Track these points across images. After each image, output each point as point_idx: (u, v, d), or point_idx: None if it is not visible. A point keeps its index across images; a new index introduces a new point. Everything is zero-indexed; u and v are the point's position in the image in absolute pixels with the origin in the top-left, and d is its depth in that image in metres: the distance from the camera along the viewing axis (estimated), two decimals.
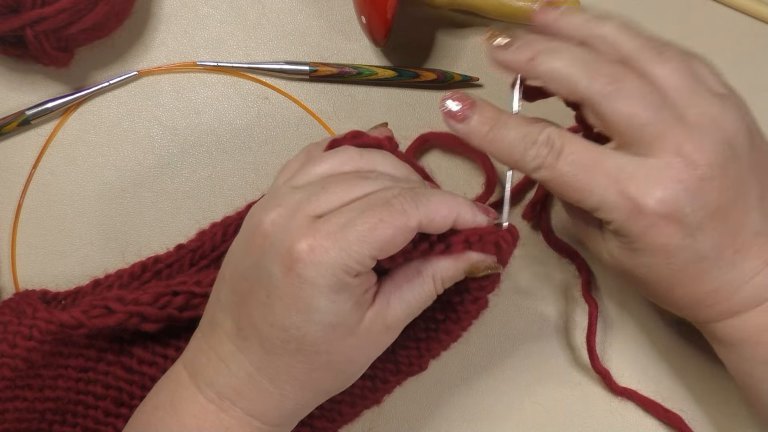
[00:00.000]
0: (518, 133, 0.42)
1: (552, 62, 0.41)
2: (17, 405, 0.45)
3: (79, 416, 0.47)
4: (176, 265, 0.49)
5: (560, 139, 0.41)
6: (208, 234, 0.49)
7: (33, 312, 0.45)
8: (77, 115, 0.53)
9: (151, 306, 0.44)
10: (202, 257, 0.49)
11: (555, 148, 0.41)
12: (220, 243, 0.49)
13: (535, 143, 0.41)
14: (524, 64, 0.42)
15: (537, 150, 0.41)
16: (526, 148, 0.41)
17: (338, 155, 0.42)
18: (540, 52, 0.42)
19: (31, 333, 0.44)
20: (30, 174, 0.52)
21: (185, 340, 0.46)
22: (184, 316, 0.45)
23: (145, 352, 0.47)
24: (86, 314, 0.44)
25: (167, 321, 0.45)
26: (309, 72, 0.53)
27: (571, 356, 0.52)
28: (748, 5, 0.55)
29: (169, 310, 0.45)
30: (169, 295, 0.45)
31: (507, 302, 0.52)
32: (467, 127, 0.43)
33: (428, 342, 0.49)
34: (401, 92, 0.54)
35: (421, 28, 0.55)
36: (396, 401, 0.51)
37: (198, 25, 0.54)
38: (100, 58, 0.54)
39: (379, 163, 0.42)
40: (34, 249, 0.52)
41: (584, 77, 0.40)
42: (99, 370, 0.47)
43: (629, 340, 0.52)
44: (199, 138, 0.53)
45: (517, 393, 0.51)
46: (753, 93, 0.55)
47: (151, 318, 0.44)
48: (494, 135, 0.43)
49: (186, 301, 0.45)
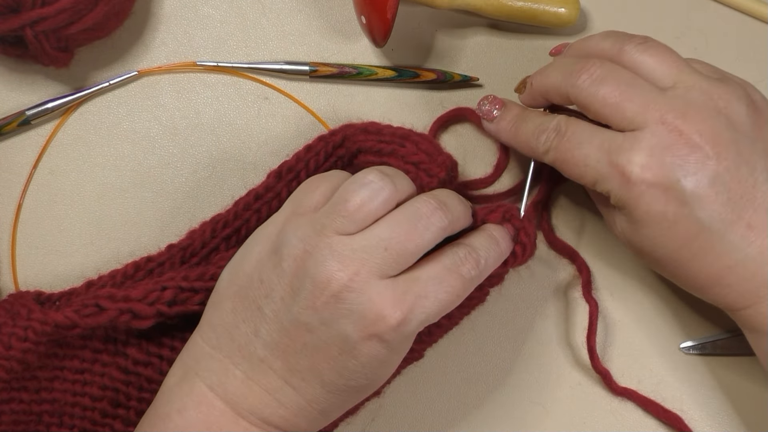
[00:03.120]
0: (534, 123, 0.46)
1: (541, 80, 0.46)
2: (14, 407, 0.45)
3: (76, 418, 0.47)
4: (168, 263, 0.49)
5: (566, 124, 0.44)
6: (198, 232, 0.50)
7: (28, 313, 0.45)
8: (77, 115, 0.53)
9: (140, 302, 0.44)
10: (193, 255, 0.49)
11: (560, 132, 0.44)
12: (209, 240, 0.49)
13: (546, 130, 0.45)
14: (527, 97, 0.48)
15: (547, 135, 0.45)
16: (538, 135, 0.46)
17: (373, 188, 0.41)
18: (532, 76, 0.47)
19: (26, 334, 0.44)
20: (30, 174, 0.52)
21: (180, 340, 0.47)
22: (173, 311, 0.45)
23: (140, 353, 0.47)
24: (78, 313, 0.44)
25: (157, 317, 0.45)
26: (309, 72, 0.53)
27: (571, 356, 0.52)
28: (748, 5, 0.55)
29: (159, 305, 0.45)
30: (158, 291, 0.45)
31: (507, 302, 0.52)
32: (497, 126, 0.49)
33: (428, 327, 0.49)
34: (401, 92, 0.54)
35: (421, 28, 0.55)
36: (396, 401, 0.51)
37: (198, 25, 0.54)
38: (100, 58, 0.54)
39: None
40: (34, 249, 0.52)
41: (561, 78, 0.44)
42: (95, 371, 0.47)
43: (629, 340, 0.52)
44: (199, 138, 0.53)
45: (517, 393, 0.51)
46: None
47: (141, 314, 0.45)
48: (516, 129, 0.48)
49: (174, 296, 0.45)
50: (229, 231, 0.49)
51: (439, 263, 0.41)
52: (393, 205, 0.41)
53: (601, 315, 0.52)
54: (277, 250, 0.41)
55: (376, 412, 0.51)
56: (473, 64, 0.55)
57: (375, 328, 0.39)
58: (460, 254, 0.41)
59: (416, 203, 0.41)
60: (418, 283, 0.40)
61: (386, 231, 0.40)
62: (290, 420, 0.41)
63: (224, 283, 0.43)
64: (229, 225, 0.49)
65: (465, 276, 0.41)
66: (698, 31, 0.56)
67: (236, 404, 0.41)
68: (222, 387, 0.41)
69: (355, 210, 0.40)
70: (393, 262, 0.39)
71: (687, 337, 0.52)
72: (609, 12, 0.56)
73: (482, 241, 0.43)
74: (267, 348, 0.40)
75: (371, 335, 0.39)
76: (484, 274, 0.42)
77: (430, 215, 0.41)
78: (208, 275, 0.45)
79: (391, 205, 0.41)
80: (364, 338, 0.39)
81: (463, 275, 0.41)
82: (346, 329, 0.39)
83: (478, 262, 0.42)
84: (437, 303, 0.40)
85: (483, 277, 0.42)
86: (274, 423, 0.41)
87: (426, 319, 0.40)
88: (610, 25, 0.55)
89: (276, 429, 0.41)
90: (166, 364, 0.47)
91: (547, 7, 0.53)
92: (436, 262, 0.41)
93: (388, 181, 0.41)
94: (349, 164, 0.50)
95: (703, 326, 0.52)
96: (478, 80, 0.54)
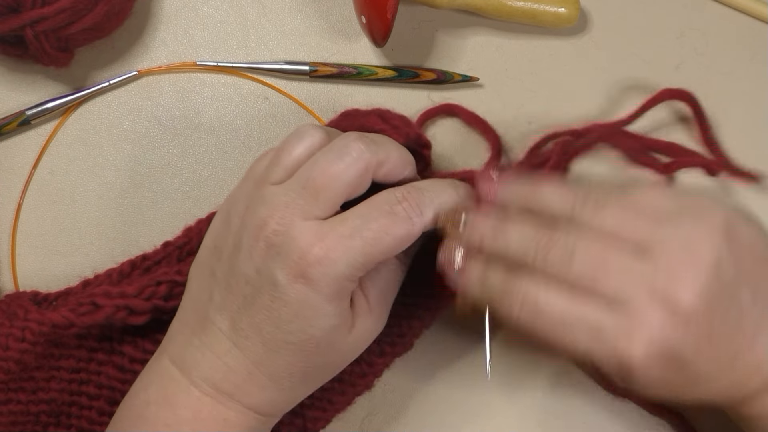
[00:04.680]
0: (498, 281, 0.40)
1: (496, 239, 0.40)
2: (11, 408, 0.45)
3: (74, 417, 0.47)
4: (164, 262, 0.49)
5: (535, 293, 0.38)
6: (195, 230, 0.50)
7: (24, 314, 0.45)
8: (77, 115, 0.53)
9: (136, 298, 0.45)
10: (189, 253, 0.49)
11: (528, 305, 0.38)
12: None
13: (512, 295, 0.39)
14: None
15: (513, 304, 0.39)
16: (502, 298, 0.39)
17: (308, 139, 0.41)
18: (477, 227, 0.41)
19: (24, 335, 0.44)
20: (30, 174, 0.52)
21: None
22: (170, 305, 0.45)
23: (135, 351, 0.47)
24: (74, 312, 0.44)
25: (153, 312, 0.45)
26: (309, 72, 0.53)
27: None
28: (748, 5, 0.55)
29: (155, 300, 0.45)
30: (153, 286, 0.45)
31: None
32: (460, 278, 0.41)
33: (409, 320, 0.49)
34: (401, 92, 0.54)
35: (421, 28, 0.55)
36: (392, 400, 0.51)
37: (198, 25, 0.54)
38: (100, 58, 0.54)
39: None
40: (34, 249, 0.52)
41: (523, 245, 0.39)
42: (91, 370, 0.47)
43: None
44: (199, 138, 0.53)
45: (517, 393, 0.51)
46: (753, 93, 0.55)
47: (137, 310, 0.45)
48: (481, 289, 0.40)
49: (169, 290, 0.45)
50: None
51: (370, 202, 0.39)
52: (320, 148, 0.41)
53: None
54: (226, 215, 0.42)
55: (370, 413, 0.51)
56: (473, 64, 0.55)
57: (298, 267, 0.38)
58: (397, 194, 0.39)
59: (337, 141, 0.40)
60: (344, 223, 0.38)
61: (305, 171, 0.40)
62: (241, 387, 0.40)
63: (192, 265, 0.44)
64: None
65: (399, 214, 0.39)
66: (698, 31, 0.56)
67: (190, 373, 0.41)
68: (180, 357, 0.41)
69: (285, 157, 0.41)
70: (313, 199, 0.39)
71: None
72: (609, 12, 0.56)
73: (433, 184, 0.41)
74: (217, 310, 0.41)
75: (296, 275, 0.38)
76: (428, 217, 0.39)
77: (349, 148, 0.39)
78: None
79: (319, 149, 0.41)
80: (290, 280, 0.38)
81: (397, 213, 0.39)
82: (275, 272, 0.38)
83: (420, 201, 0.39)
84: (362, 241, 0.38)
85: (428, 221, 0.40)
86: (226, 390, 0.40)
87: (353, 261, 0.38)
88: (610, 25, 0.55)
89: (228, 397, 0.40)
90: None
91: (547, 7, 0.53)
92: (368, 202, 0.39)
93: (323, 131, 0.41)
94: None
95: None
96: (478, 80, 0.54)
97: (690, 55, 0.55)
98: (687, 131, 0.54)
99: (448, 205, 0.41)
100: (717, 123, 0.54)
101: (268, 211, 0.39)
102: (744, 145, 0.54)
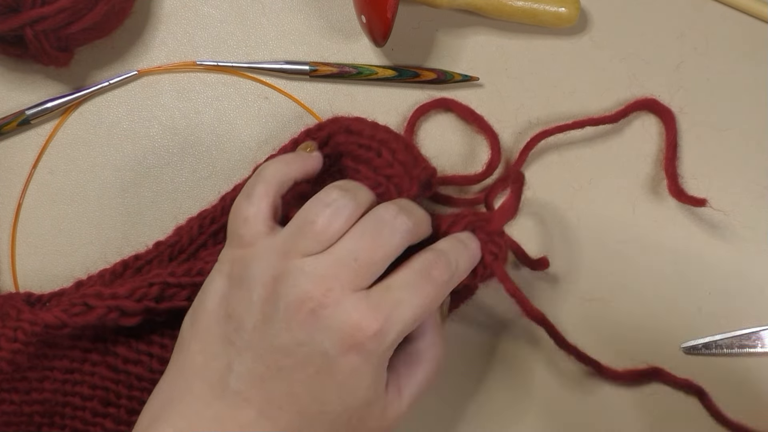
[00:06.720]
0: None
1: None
2: (4, 408, 0.45)
3: (67, 417, 0.47)
4: (156, 261, 0.49)
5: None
6: (185, 228, 0.49)
7: (17, 314, 0.45)
8: (77, 115, 0.53)
9: (128, 299, 0.44)
10: (181, 251, 0.49)
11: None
12: (197, 236, 0.49)
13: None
14: None
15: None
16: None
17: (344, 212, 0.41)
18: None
19: (16, 335, 0.44)
20: (30, 174, 0.52)
21: (169, 338, 0.47)
22: (161, 307, 0.45)
23: (129, 352, 0.47)
24: (67, 312, 0.44)
25: (145, 314, 0.45)
26: (309, 72, 0.53)
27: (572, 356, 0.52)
28: (748, 5, 0.55)
29: (146, 302, 0.45)
30: (145, 287, 0.45)
31: (507, 302, 0.52)
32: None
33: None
34: (401, 92, 0.54)
35: (421, 28, 0.55)
36: None
37: (198, 25, 0.54)
38: (100, 58, 0.54)
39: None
40: (34, 249, 0.52)
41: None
42: (84, 371, 0.47)
43: (630, 340, 0.52)
44: (199, 138, 0.53)
45: (518, 393, 0.51)
46: (753, 93, 0.55)
47: (129, 311, 0.45)
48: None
49: (161, 292, 0.45)
50: (217, 227, 0.49)
51: (410, 269, 0.40)
52: (356, 219, 0.41)
53: (602, 316, 0.52)
54: (240, 283, 0.40)
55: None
56: (473, 64, 0.55)
57: (353, 340, 0.38)
58: (429, 258, 0.41)
59: (378, 211, 0.41)
60: (391, 291, 0.39)
61: (352, 243, 0.40)
62: None
63: (187, 326, 0.42)
64: (217, 221, 0.49)
65: (437, 279, 0.40)
66: (698, 31, 0.56)
67: None
68: (189, 429, 0.39)
69: (321, 230, 0.40)
70: (364, 272, 0.39)
71: (687, 337, 0.52)
72: (609, 12, 0.56)
73: (449, 245, 0.42)
74: (242, 380, 0.39)
75: (350, 347, 0.38)
76: (456, 278, 0.42)
77: (393, 220, 0.40)
78: (195, 270, 0.45)
79: (354, 220, 0.41)
80: (343, 352, 0.38)
81: (435, 278, 0.40)
82: (324, 345, 0.38)
83: (448, 264, 0.41)
84: (412, 309, 0.39)
85: (456, 281, 0.42)
86: None
87: (404, 328, 0.39)
88: (610, 25, 0.55)
89: None
90: (156, 362, 0.47)
91: (547, 6, 0.53)
92: (407, 268, 0.40)
93: (350, 196, 0.41)
94: (335, 164, 0.50)
95: (703, 326, 0.52)
96: (478, 80, 0.54)
97: (690, 55, 0.55)
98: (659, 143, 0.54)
99: (466, 263, 0.43)
100: (717, 123, 0.54)
101: (312, 284, 0.39)
102: (744, 145, 0.54)
